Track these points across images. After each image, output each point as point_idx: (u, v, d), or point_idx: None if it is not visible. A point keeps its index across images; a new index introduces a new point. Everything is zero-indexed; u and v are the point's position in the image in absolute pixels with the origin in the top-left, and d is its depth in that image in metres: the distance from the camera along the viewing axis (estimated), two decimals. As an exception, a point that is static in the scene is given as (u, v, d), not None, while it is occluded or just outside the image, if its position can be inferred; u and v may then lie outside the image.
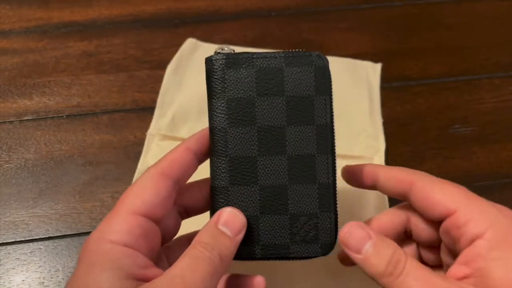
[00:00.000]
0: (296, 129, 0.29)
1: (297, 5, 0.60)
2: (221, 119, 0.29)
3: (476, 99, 0.51)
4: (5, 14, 0.58)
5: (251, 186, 0.29)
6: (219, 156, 0.29)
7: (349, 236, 0.27)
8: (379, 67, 0.52)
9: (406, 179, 0.29)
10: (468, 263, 0.25)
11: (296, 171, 0.29)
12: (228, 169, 0.29)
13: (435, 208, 0.27)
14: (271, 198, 0.29)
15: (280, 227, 0.29)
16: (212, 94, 0.30)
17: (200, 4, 0.60)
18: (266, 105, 0.29)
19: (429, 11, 0.60)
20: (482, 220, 0.26)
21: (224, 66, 0.29)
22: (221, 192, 0.29)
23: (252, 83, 0.29)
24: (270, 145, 0.29)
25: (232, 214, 0.28)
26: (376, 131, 0.46)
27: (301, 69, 0.29)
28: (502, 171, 0.45)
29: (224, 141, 0.29)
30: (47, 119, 0.48)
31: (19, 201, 0.42)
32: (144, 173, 0.28)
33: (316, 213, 0.29)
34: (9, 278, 0.38)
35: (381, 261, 0.26)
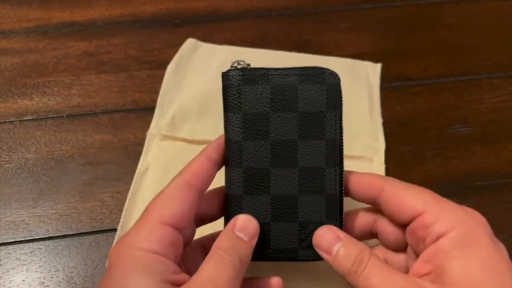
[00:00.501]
0: (307, 143, 0.31)
1: (297, 5, 0.60)
2: (237, 132, 0.31)
3: (476, 99, 0.51)
4: (5, 14, 0.58)
5: (263, 195, 0.31)
6: (234, 167, 0.31)
7: (321, 238, 0.30)
8: (379, 67, 0.52)
9: (375, 183, 0.31)
10: (430, 260, 0.27)
11: (306, 182, 0.31)
12: (242, 179, 0.31)
13: (405, 210, 0.29)
14: (281, 206, 0.31)
15: (290, 234, 0.31)
16: (228, 108, 0.31)
17: (200, 4, 0.60)
18: (280, 120, 0.31)
19: (429, 11, 0.61)
20: (448, 220, 0.27)
21: (241, 82, 0.31)
22: (236, 200, 0.31)
23: (267, 99, 0.31)
24: (282, 157, 0.31)
25: (247, 220, 0.30)
26: (376, 131, 0.46)
27: (314, 87, 0.31)
28: (502, 171, 0.45)
29: (239, 153, 0.31)
30: (47, 119, 0.48)
31: (19, 201, 0.42)
32: (171, 183, 0.30)
33: (323, 222, 0.31)
34: (9, 278, 0.38)
35: (347, 260, 0.28)
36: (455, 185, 0.44)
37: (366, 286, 0.27)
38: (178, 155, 0.44)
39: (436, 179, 0.44)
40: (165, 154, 0.44)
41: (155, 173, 0.42)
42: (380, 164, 0.44)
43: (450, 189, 0.43)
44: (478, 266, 0.25)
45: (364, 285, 0.27)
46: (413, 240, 0.29)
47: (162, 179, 0.42)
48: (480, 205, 0.30)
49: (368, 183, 0.31)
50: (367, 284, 0.27)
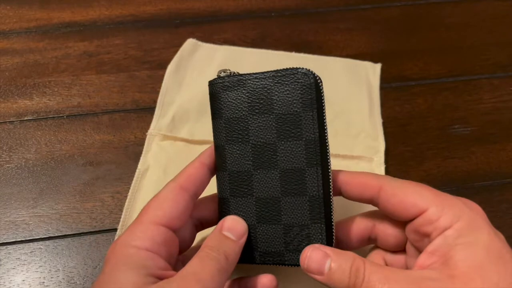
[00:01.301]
0: (286, 144, 0.30)
1: (297, 6, 0.60)
2: (220, 137, 0.32)
3: (476, 99, 0.51)
4: (6, 14, 0.58)
5: (247, 198, 0.31)
6: (220, 171, 0.32)
7: (309, 260, 0.29)
8: (378, 67, 0.52)
9: (373, 184, 0.30)
10: (434, 251, 0.27)
11: (287, 184, 0.31)
12: (228, 182, 0.32)
13: (408, 209, 0.29)
14: (265, 209, 0.31)
15: (275, 236, 0.31)
16: (213, 115, 0.33)
17: (200, 5, 0.60)
18: (258, 123, 0.31)
19: (428, 11, 0.61)
20: (451, 214, 0.28)
21: (221, 89, 0.32)
22: (224, 203, 0.32)
23: (245, 103, 0.31)
24: (263, 160, 0.31)
25: (235, 220, 0.31)
26: (376, 131, 0.47)
27: (288, 88, 0.30)
28: (501, 171, 0.45)
29: (224, 157, 0.32)
30: (48, 119, 0.48)
31: (19, 201, 0.42)
32: (165, 186, 0.31)
33: (308, 224, 0.30)
34: (9, 278, 0.38)
35: (342, 275, 0.27)
36: (455, 185, 0.44)
37: None
38: (178, 155, 0.44)
39: (436, 179, 0.44)
40: (165, 154, 0.44)
41: (155, 173, 0.43)
42: (380, 164, 0.44)
43: (450, 189, 0.43)
44: (481, 251, 0.26)
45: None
46: (416, 236, 0.29)
47: (162, 179, 0.42)
48: (480, 205, 0.30)
49: (363, 184, 0.31)
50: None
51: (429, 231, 0.28)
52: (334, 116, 0.47)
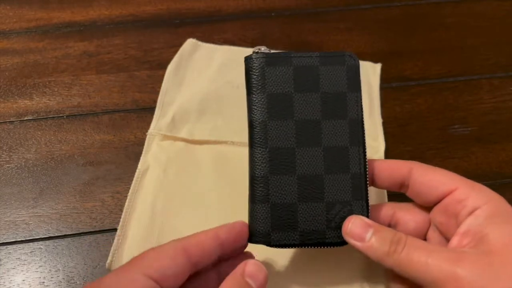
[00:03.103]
0: (331, 123, 0.31)
1: (297, 6, 0.60)
2: (262, 112, 0.31)
3: (476, 99, 0.51)
4: (6, 14, 0.58)
5: (289, 175, 0.31)
6: (259, 147, 0.31)
7: (352, 225, 0.30)
8: (378, 67, 0.52)
9: (404, 165, 0.32)
10: (467, 232, 0.28)
11: (331, 161, 0.31)
12: (268, 159, 0.31)
13: (437, 188, 0.30)
14: (308, 186, 0.31)
15: (317, 214, 0.31)
16: (252, 90, 0.31)
17: (200, 5, 0.60)
18: (303, 100, 0.31)
19: (428, 11, 0.61)
20: (480, 195, 0.29)
21: (264, 64, 0.31)
22: (261, 181, 0.31)
23: (290, 80, 0.31)
24: (307, 137, 0.31)
25: (257, 266, 0.29)
26: (376, 131, 0.47)
27: (335, 68, 0.32)
28: (501, 171, 0.45)
29: (264, 133, 0.31)
30: (48, 119, 0.48)
31: (19, 201, 0.42)
32: (170, 242, 0.29)
33: (350, 201, 0.31)
34: (9, 278, 0.38)
35: (384, 242, 0.28)
36: (455, 185, 0.44)
37: (408, 262, 0.27)
38: (178, 155, 0.44)
39: (436, 179, 0.44)
40: (165, 154, 0.44)
41: (155, 173, 0.43)
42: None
43: (449, 189, 0.43)
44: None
45: (406, 262, 0.27)
46: (443, 218, 0.30)
47: (162, 179, 0.42)
48: (480, 205, 0.30)
49: (394, 165, 0.32)
50: (409, 260, 0.27)
51: (457, 210, 0.29)
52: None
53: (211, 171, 0.43)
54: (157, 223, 0.39)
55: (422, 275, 0.27)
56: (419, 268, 0.27)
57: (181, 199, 0.41)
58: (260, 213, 0.31)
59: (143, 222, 0.39)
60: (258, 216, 0.31)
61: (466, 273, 0.25)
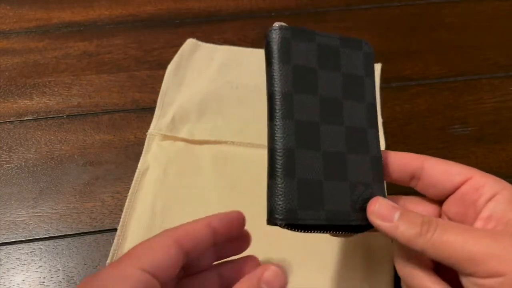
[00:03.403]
0: (351, 103, 0.31)
1: (297, 6, 0.60)
2: (287, 83, 0.29)
3: (476, 99, 0.51)
4: (6, 14, 0.58)
5: (315, 151, 0.29)
6: (284, 119, 0.29)
7: (379, 206, 0.29)
8: (378, 67, 0.52)
9: (415, 158, 0.31)
10: (491, 216, 0.28)
11: (352, 141, 0.30)
12: (294, 131, 0.29)
13: (453, 177, 0.30)
14: (332, 164, 0.29)
15: (342, 194, 0.29)
16: (276, 60, 0.30)
17: (200, 4, 0.60)
18: (326, 77, 0.30)
19: (428, 11, 0.61)
20: (495, 183, 0.29)
21: (290, 36, 0.30)
22: (287, 154, 0.28)
23: (315, 56, 0.30)
24: (330, 114, 0.30)
25: (276, 273, 0.28)
26: (376, 131, 0.46)
27: (353, 52, 0.32)
28: (501, 171, 0.45)
29: (290, 105, 0.29)
30: (48, 119, 0.48)
31: (19, 201, 0.42)
32: (159, 234, 0.28)
33: (371, 184, 0.30)
34: (9, 278, 0.38)
35: (414, 224, 0.27)
36: (455, 185, 0.44)
37: (443, 242, 0.26)
38: (178, 155, 0.44)
39: (436, 179, 0.44)
40: (165, 154, 0.44)
41: (155, 173, 0.43)
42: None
43: (449, 189, 0.43)
44: None
45: (440, 242, 0.26)
46: (459, 208, 0.30)
47: (162, 179, 0.42)
48: (480, 205, 0.30)
49: (405, 158, 0.32)
50: (445, 240, 0.26)
51: (475, 198, 0.29)
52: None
53: (211, 171, 0.43)
54: (157, 223, 0.39)
55: (459, 253, 0.25)
56: (456, 246, 0.26)
57: (181, 199, 0.41)
58: (286, 188, 0.28)
59: (143, 222, 0.39)
60: (283, 191, 0.28)
61: (507, 249, 0.25)
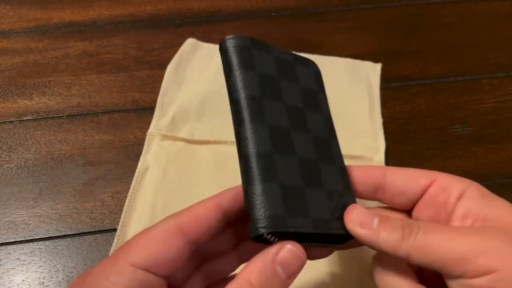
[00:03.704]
0: (312, 114, 0.30)
1: (297, 6, 0.60)
2: (255, 89, 0.28)
3: (476, 99, 0.51)
4: (5, 14, 0.58)
5: (291, 157, 0.27)
6: (258, 122, 0.27)
7: (357, 213, 0.27)
8: (379, 67, 0.52)
9: (376, 170, 0.31)
10: (467, 214, 0.27)
11: (320, 150, 0.29)
12: (269, 136, 0.27)
13: (418, 180, 0.29)
14: (308, 171, 0.28)
15: (322, 202, 0.28)
16: (240, 66, 0.28)
17: (200, 5, 0.60)
18: (288, 87, 0.30)
19: (428, 11, 0.61)
20: (460, 181, 0.28)
21: (250, 45, 0.30)
22: (266, 158, 0.26)
23: (275, 66, 0.30)
24: (297, 121, 0.29)
25: (293, 253, 0.24)
26: (376, 131, 0.46)
27: (306, 69, 0.32)
28: (501, 171, 0.45)
29: (261, 109, 0.27)
30: (47, 119, 0.48)
31: (19, 201, 0.42)
32: (162, 222, 0.25)
33: (343, 193, 0.29)
34: (9, 278, 0.38)
35: (395, 229, 0.25)
36: (455, 185, 0.44)
37: (428, 244, 0.24)
38: (178, 155, 0.44)
39: (436, 179, 0.44)
40: (165, 154, 0.44)
41: (155, 173, 0.42)
42: (380, 164, 0.44)
43: (450, 189, 0.43)
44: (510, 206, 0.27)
45: (425, 244, 0.24)
46: (430, 211, 0.29)
47: (162, 179, 0.42)
48: (480, 205, 0.30)
49: (368, 169, 0.31)
50: (430, 241, 0.24)
51: (444, 198, 0.28)
52: (334, 116, 0.46)
53: (211, 171, 0.43)
54: (157, 223, 0.39)
55: (446, 253, 0.24)
56: (442, 246, 0.24)
57: (181, 199, 0.41)
58: (270, 193, 0.25)
59: (143, 222, 0.39)
60: (267, 197, 0.25)
61: (495, 244, 0.24)
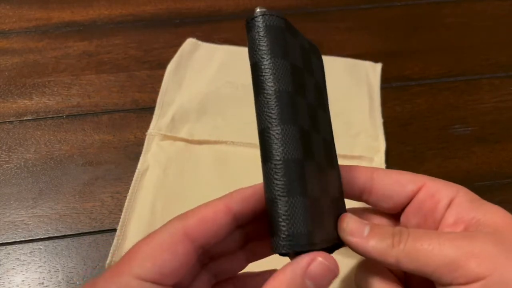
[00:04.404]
0: (321, 113, 0.28)
1: (297, 6, 0.60)
2: (288, 82, 0.24)
3: (476, 99, 0.51)
4: (5, 14, 0.58)
5: (314, 163, 0.24)
6: (286, 124, 0.23)
7: (349, 222, 0.26)
8: (379, 67, 0.52)
9: (363, 171, 0.29)
10: (458, 220, 0.26)
11: (326, 153, 0.27)
12: (299, 139, 0.23)
13: (404, 186, 0.28)
14: (321, 179, 0.25)
15: (328, 211, 0.26)
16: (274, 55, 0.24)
17: (200, 4, 0.60)
18: (308, 82, 0.27)
19: (429, 11, 0.61)
20: (448, 186, 0.28)
21: (285, 28, 0.25)
22: (296, 168, 0.23)
23: (300, 56, 0.26)
24: (314, 122, 0.26)
25: (325, 267, 0.23)
26: (376, 131, 0.46)
27: (318, 60, 0.30)
28: (502, 171, 0.45)
29: (294, 108, 0.24)
30: (47, 119, 0.48)
31: (19, 201, 0.42)
32: (167, 225, 0.24)
33: (339, 198, 0.28)
34: (8, 278, 0.37)
35: (385, 236, 0.25)
36: (455, 185, 0.44)
37: (418, 250, 0.24)
38: (178, 155, 0.44)
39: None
40: (164, 154, 0.44)
41: (154, 173, 0.42)
42: (380, 164, 0.44)
43: (450, 189, 0.43)
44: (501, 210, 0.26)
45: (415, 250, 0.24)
46: (418, 218, 0.28)
47: (162, 179, 0.42)
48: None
49: (355, 169, 0.29)
50: (419, 247, 0.24)
51: (432, 205, 0.27)
52: (334, 116, 0.45)
53: (211, 171, 0.43)
54: (157, 223, 0.39)
55: (436, 259, 0.23)
56: (431, 252, 0.24)
57: (181, 199, 0.41)
58: (297, 208, 0.23)
59: (143, 222, 0.39)
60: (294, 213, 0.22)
61: (484, 248, 0.23)
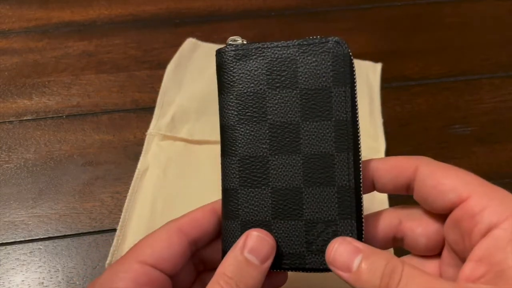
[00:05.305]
0: (312, 125, 0.26)
1: (297, 5, 0.60)
2: (230, 115, 0.27)
3: (476, 99, 0.51)
4: (5, 14, 0.58)
5: (262, 189, 0.27)
6: (228, 156, 0.27)
7: (335, 252, 0.24)
8: (379, 67, 0.52)
9: (409, 164, 0.26)
10: (483, 258, 0.22)
11: (312, 172, 0.26)
12: (238, 169, 0.27)
13: (445, 193, 0.24)
14: (284, 202, 0.26)
15: (295, 235, 0.26)
16: (221, 89, 0.27)
17: (200, 4, 0.60)
18: (278, 99, 0.27)
19: (429, 11, 0.60)
20: (500, 207, 0.22)
21: (233, 59, 0.27)
22: (231, 195, 0.27)
23: (263, 76, 0.27)
24: (282, 143, 0.26)
25: (260, 239, 0.25)
26: (376, 131, 0.46)
27: (317, 58, 0.27)
28: (502, 171, 0.45)
29: (233, 140, 0.27)
30: (47, 119, 0.48)
31: (18, 201, 0.42)
32: (163, 225, 0.28)
33: (335, 220, 0.26)
34: (8, 278, 0.37)
35: (374, 275, 0.22)
36: (455, 185, 0.44)
37: None
38: (178, 155, 0.44)
39: (436, 179, 0.44)
40: (164, 154, 0.44)
41: (154, 173, 0.42)
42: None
43: (450, 189, 0.43)
44: None
45: None
46: (455, 235, 0.24)
47: (162, 179, 0.42)
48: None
49: (397, 165, 0.26)
50: None
51: (469, 227, 0.23)
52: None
53: (211, 171, 0.43)
54: (156, 223, 0.39)
55: None
56: None
57: (180, 199, 0.41)
58: (230, 231, 0.27)
59: (142, 222, 0.39)
60: (228, 234, 0.27)
61: None
